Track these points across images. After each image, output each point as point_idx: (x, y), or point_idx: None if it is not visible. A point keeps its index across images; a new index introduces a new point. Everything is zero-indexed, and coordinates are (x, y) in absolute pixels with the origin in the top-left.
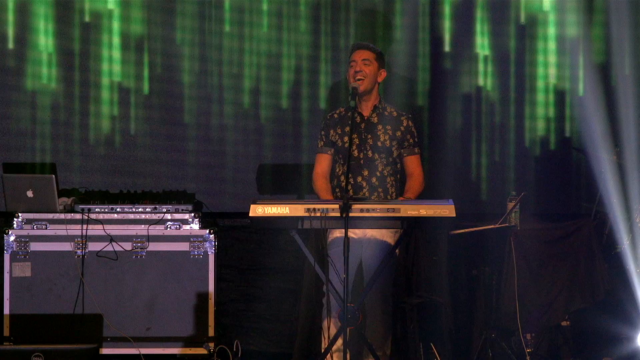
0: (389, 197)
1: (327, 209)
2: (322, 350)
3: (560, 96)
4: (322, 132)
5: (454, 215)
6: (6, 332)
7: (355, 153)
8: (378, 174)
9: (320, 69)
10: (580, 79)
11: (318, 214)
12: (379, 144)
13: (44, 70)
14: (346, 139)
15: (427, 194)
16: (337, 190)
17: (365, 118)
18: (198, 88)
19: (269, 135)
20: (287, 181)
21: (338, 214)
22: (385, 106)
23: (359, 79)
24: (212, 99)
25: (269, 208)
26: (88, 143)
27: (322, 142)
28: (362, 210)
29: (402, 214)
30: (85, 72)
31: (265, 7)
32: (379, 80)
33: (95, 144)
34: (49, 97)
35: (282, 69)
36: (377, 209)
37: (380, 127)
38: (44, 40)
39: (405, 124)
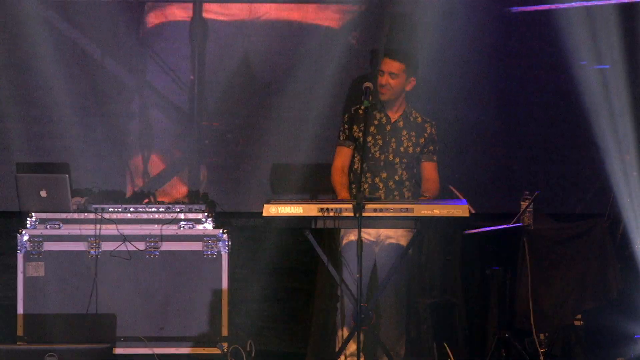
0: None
1: (340, 208)
2: (336, 350)
3: (569, 96)
4: (345, 126)
5: (468, 215)
6: (20, 332)
7: (377, 154)
8: (397, 177)
9: (335, 68)
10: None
11: (331, 214)
12: (402, 149)
13: (57, 68)
14: (369, 138)
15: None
16: (354, 186)
17: (392, 121)
18: (213, 88)
19: (282, 135)
20: (300, 181)
21: (351, 214)
22: (412, 111)
23: (382, 93)
24: (225, 99)
25: (283, 208)
26: (102, 142)
27: (344, 136)
28: (375, 210)
29: (415, 213)
30: (101, 71)
31: None
32: (408, 89)
33: (109, 143)
34: (64, 96)
35: (297, 69)
36: (390, 209)
37: (405, 132)
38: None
39: (429, 131)
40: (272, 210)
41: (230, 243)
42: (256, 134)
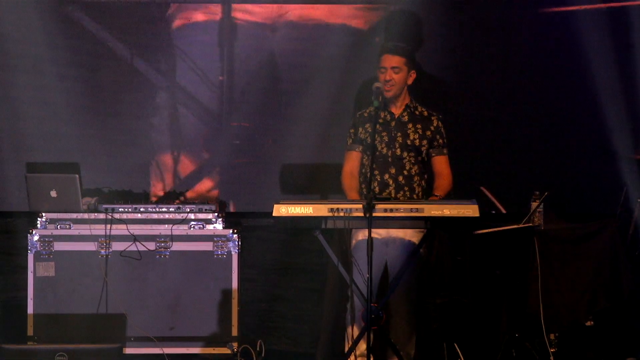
0: (415, 196)
1: (350, 208)
2: (346, 350)
3: (582, 95)
4: (352, 130)
5: (478, 215)
6: (30, 332)
7: (384, 151)
8: (405, 172)
9: (347, 67)
10: None
11: (341, 214)
12: (409, 142)
13: (66, 69)
14: (376, 136)
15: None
16: (363, 186)
17: (396, 117)
18: (221, 88)
19: (292, 134)
20: (310, 181)
21: (362, 214)
22: (416, 105)
23: (387, 90)
24: (235, 99)
25: (293, 208)
26: (112, 142)
27: (350, 140)
28: (385, 210)
29: (426, 214)
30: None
31: None
32: (409, 82)
33: (119, 143)
34: (72, 96)
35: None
36: (400, 209)
37: (410, 125)
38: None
39: (435, 124)
40: (282, 210)
41: (240, 243)
42: (266, 133)
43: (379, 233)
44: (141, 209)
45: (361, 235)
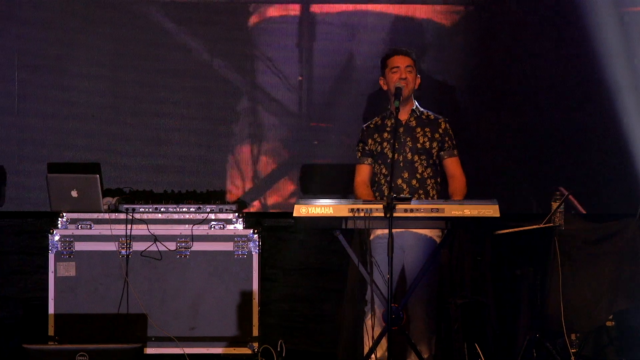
0: (429, 199)
1: (371, 209)
2: (366, 351)
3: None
4: (360, 144)
5: (498, 215)
6: (51, 332)
7: (396, 156)
8: (418, 176)
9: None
10: None
11: (362, 214)
12: (419, 145)
13: (88, 69)
14: (385, 144)
15: (471, 194)
16: (377, 194)
17: (404, 122)
18: (240, 86)
19: (313, 134)
20: (331, 181)
21: (382, 214)
22: (422, 110)
23: (402, 86)
24: (256, 98)
25: (313, 208)
26: (133, 142)
27: (359, 154)
28: (406, 211)
29: (446, 214)
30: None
31: None
32: (416, 87)
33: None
34: (94, 96)
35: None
36: (421, 209)
37: (419, 129)
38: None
39: (443, 127)
40: (302, 210)
41: (260, 243)
42: (286, 133)
43: (397, 231)
44: (162, 209)
45: (379, 230)
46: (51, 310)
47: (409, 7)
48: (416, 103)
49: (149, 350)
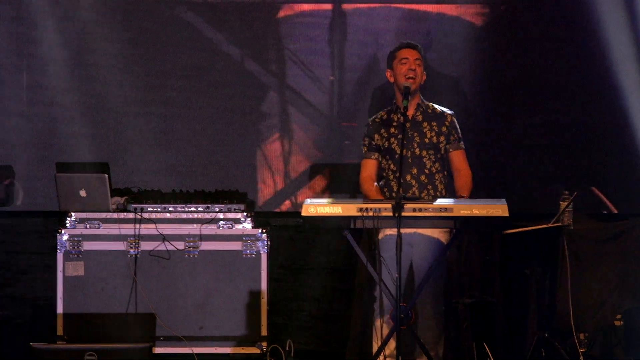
0: (438, 194)
1: (379, 208)
2: (375, 351)
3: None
4: (366, 139)
5: (507, 214)
6: (60, 331)
7: (404, 152)
8: (427, 171)
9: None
10: None
11: (370, 214)
12: (426, 140)
13: (97, 71)
14: (392, 139)
15: (479, 194)
16: (386, 190)
17: (410, 117)
18: (251, 88)
19: (322, 134)
20: (339, 181)
21: (391, 214)
22: (427, 104)
23: (410, 77)
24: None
25: (322, 208)
26: (141, 142)
27: (365, 148)
28: (414, 210)
29: (454, 213)
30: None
31: None
32: (422, 82)
33: (148, 143)
34: (102, 99)
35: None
36: (429, 209)
37: (425, 124)
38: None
39: (449, 120)
40: (311, 210)
41: (269, 243)
42: (295, 133)
43: (405, 230)
44: (170, 209)
45: (388, 230)
46: (60, 309)
47: (441, 6)
48: (421, 97)
49: (158, 350)
